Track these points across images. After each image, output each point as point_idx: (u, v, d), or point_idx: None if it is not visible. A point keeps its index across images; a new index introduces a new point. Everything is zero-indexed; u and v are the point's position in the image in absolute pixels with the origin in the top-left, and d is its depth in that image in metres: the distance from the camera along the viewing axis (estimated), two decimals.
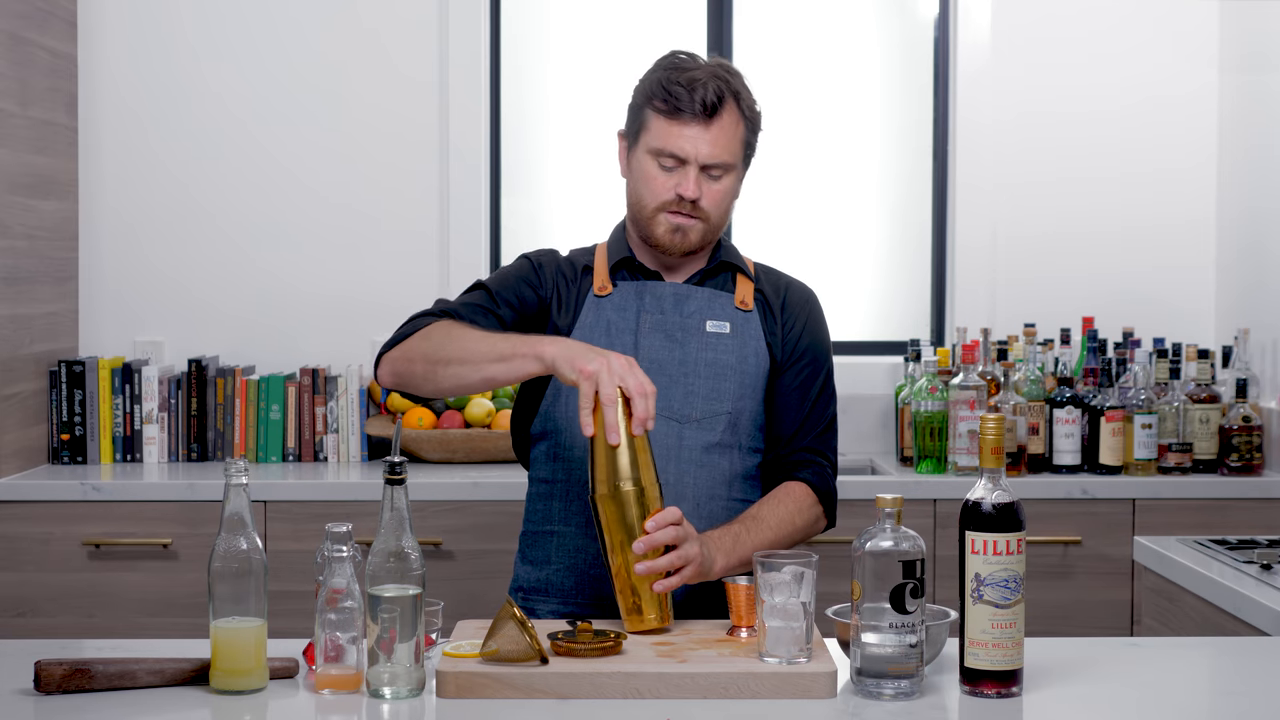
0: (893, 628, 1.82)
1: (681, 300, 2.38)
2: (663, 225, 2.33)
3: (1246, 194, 4.09)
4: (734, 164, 2.35)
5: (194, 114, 4.15)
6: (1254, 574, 2.56)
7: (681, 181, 2.30)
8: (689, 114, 2.29)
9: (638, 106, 2.36)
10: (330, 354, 4.13)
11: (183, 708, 1.81)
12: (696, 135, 2.29)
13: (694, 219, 2.33)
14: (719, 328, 2.37)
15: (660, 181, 2.32)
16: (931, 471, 3.79)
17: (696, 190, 2.30)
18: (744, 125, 2.36)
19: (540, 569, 2.36)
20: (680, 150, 2.30)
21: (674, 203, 2.31)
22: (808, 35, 4.38)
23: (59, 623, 3.58)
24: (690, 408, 2.33)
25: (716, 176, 2.33)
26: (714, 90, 2.30)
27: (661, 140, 2.30)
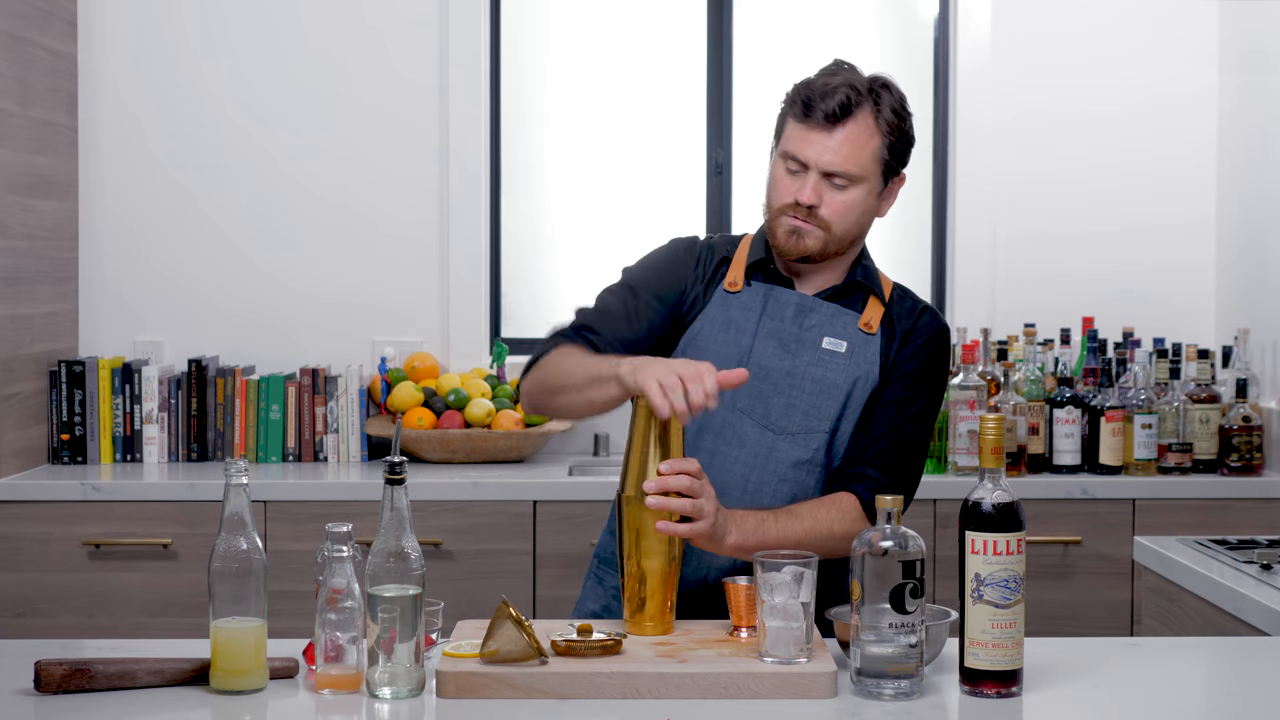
0: (893, 628, 1.82)
1: (804, 312, 2.35)
2: (782, 227, 2.32)
3: (1246, 194, 4.09)
4: (860, 175, 2.29)
5: (194, 114, 4.15)
6: (1254, 574, 2.56)
7: (802, 187, 2.29)
8: (815, 120, 2.27)
9: (781, 111, 2.37)
10: (330, 354, 4.13)
11: (183, 708, 1.81)
12: (820, 140, 2.27)
13: (811, 225, 2.30)
14: (835, 345, 2.33)
15: (784, 184, 2.32)
16: (931, 471, 3.79)
17: (814, 197, 2.28)
18: (879, 138, 2.29)
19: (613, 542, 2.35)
20: (802, 154, 2.28)
21: (792, 207, 2.30)
22: (808, 35, 4.38)
23: (59, 623, 3.58)
24: (789, 420, 2.29)
25: (840, 186, 2.29)
26: (844, 97, 2.27)
27: (791, 143, 2.31)
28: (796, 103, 2.30)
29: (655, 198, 4.36)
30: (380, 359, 4.10)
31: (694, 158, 4.35)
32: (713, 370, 2.05)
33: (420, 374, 4.05)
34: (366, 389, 4.03)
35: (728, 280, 2.37)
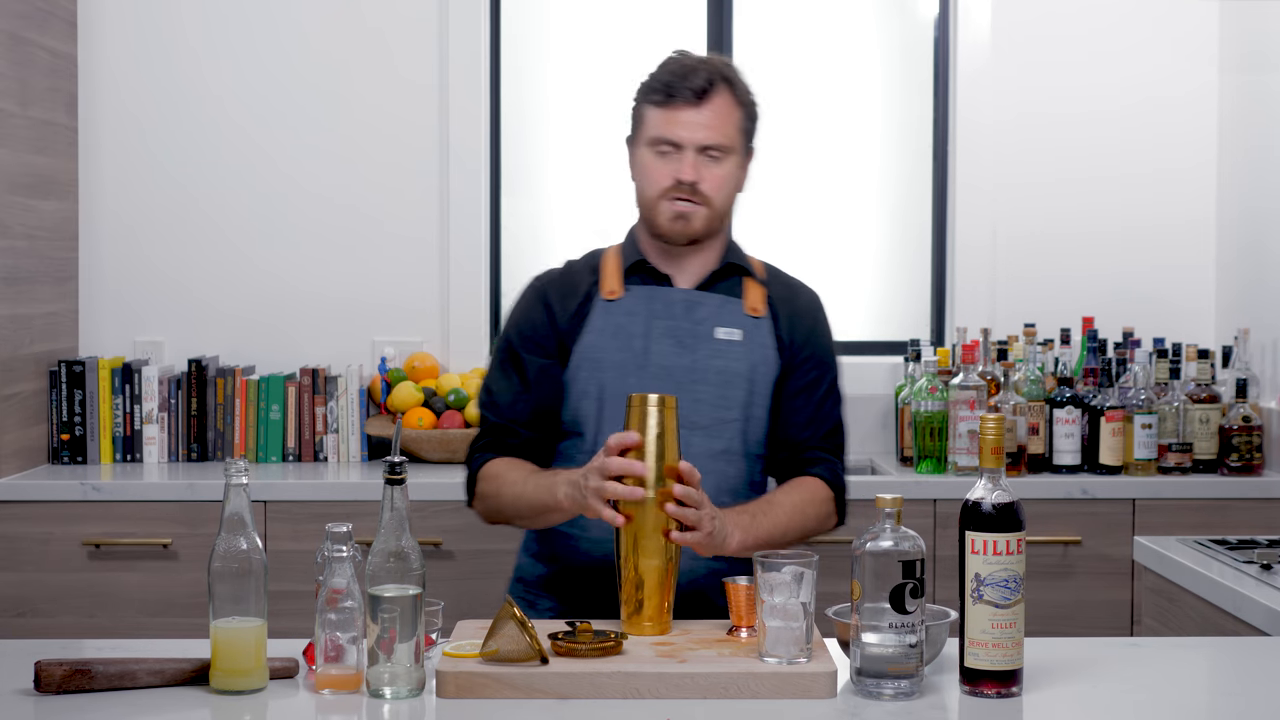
0: (893, 628, 1.82)
1: (692, 306, 2.39)
2: (664, 214, 2.36)
3: (1246, 194, 4.09)
4: (731, 147, 2.38)
5: (194, 114, 4.15)
6: (1254, 574, 2.56)
7: (679, 166, 2.34)
8: (681, 99, 2.33)
9: (635, 106, 2.41)
10: (330, 354, 4.13)
11: (183, 708, 1.81)
12: (690, 119, 2.34)
13: (694, 204, 2.35)
14: (730, 335, 2.38)
15: (659, 169, 2.35)
16: (931, 471, 3.79)
17: (694, 173, 2.33)
18: (740, 112, 2.40)
19: (545, 565, 2.41)
20: (675, 135, 2.34)
21: (673, 189, 2.34)
22: (808, 35, 4.38)
23: (59, 623, 3.58)
24: (698, 414, 2.33)
25: (715, 158, 2.36)
26: (705, 75, 2.35)
27: (657, 128, 2.35)
28: (653, 91, 2.36)
29: None
30: (380, 359, 4.10)
31: None
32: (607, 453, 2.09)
33: (420, 374, 4.05)
34: (366, 389, 4.03)
35: (605, 290, 2.39)
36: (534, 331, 2.39)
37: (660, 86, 2.35)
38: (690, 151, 2.34)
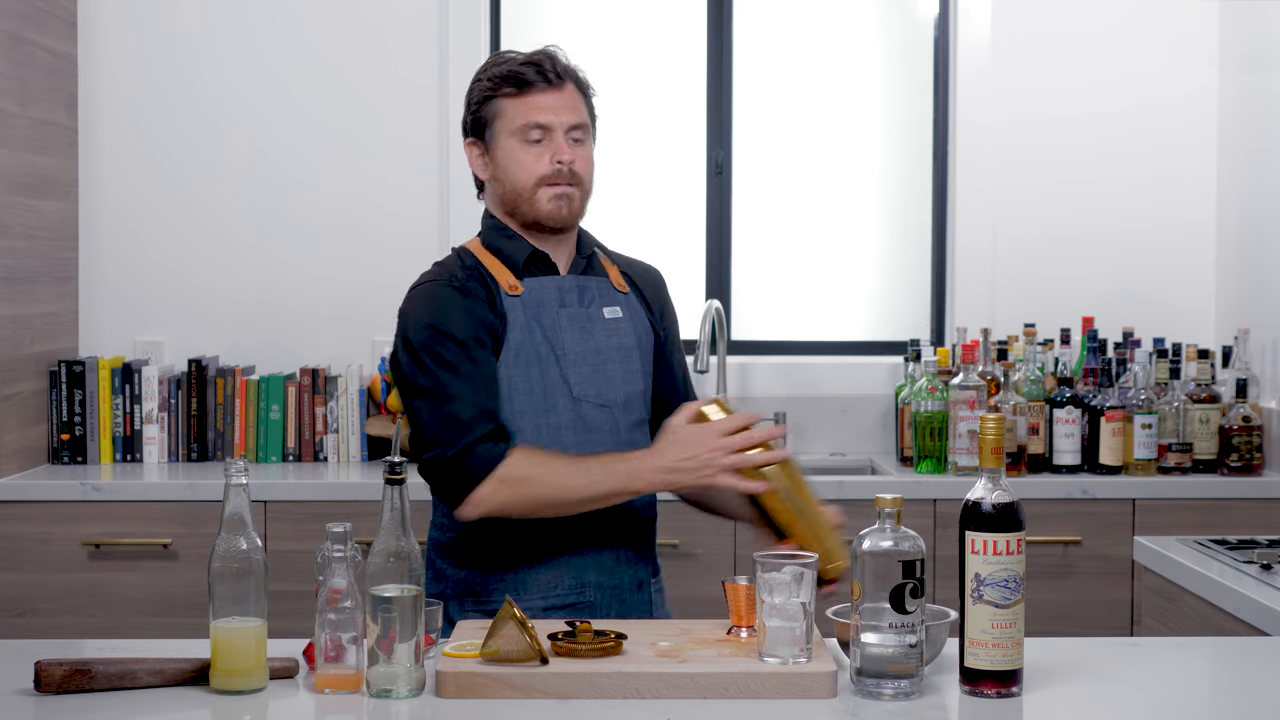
0: (893, 628, 1.82)
1: (581, 290, 2.43)
2: (545, 200, 2.37)
3: (1246, 195, 4.09)
4: (588, 126, 2.43)
5: (194, 114, 4.15)
6: (1254, 574, 2.56)
7: (554, 149, 2.36)
8: (541, 84, 2.36)
9: (482, 102, 2.41)
10: (330, 354, 4.13)
11: (183, 708, 1.81)
12: (554, 102, 2.37)
13: (572, 187, 2.38)
14: (614, 313, 2.44)
15: (532, 156, 2.37)
16: (931, 471, 3.79)
17: (570, 153, 2.37)
18: (583, 95, 2.43)
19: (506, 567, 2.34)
20: (544, 119, 2.36)
21: (552, 175, 2.36)
22: (808, 35, 4.38)
23: (59, 623, 3.58)
24: (614, 393, 2.39)
25: (580, 140, 2.40)
26: (552, 63, 2.39)
27: (524, 115, 2.36)
28: (506, 83, 2.37)
29: (655, 198, 4.36)
30: (380, 359, 4.10)
31: (694, 158, 4.35)
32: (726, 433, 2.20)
33: None
34: (366, 389, 4.03)
35: (506, 285, 2.38)
36: (477, 330, 2.34)
37: (513, 76, 2.36)
38: (559, 133, 2.37)
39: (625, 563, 2.40)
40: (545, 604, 2.33)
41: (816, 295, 4.37)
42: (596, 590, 2.36)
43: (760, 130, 4.37)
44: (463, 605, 2.34)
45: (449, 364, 2.30)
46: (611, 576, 2.38)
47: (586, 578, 2.35)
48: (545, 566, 2.34)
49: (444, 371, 2.30)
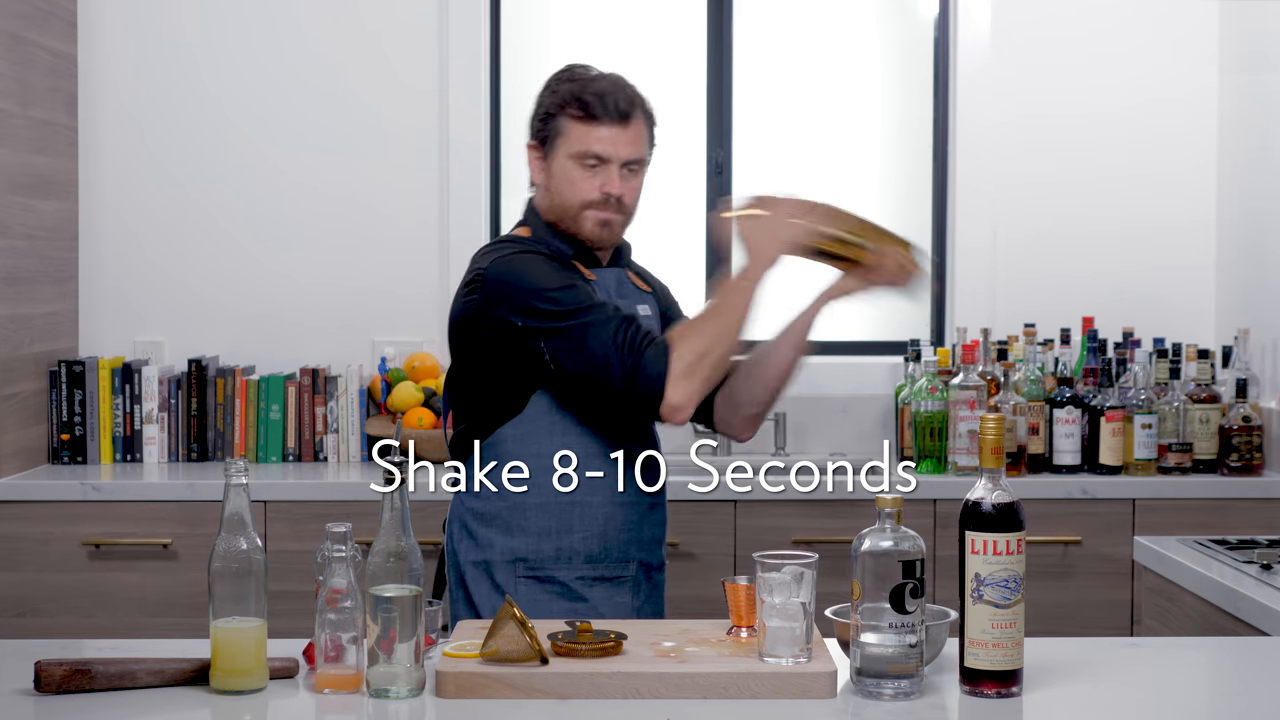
0: (893, 628, 1.82)
1: (622, 284, 2.57)
2: (589, 222, 2.50)
3: (1246, 194, 4.09)
4: (645, 160, 2.55)
5: (194, 114, 4.15)
6: (1254, 574, 2.56)
7: (606, 180, 2.48)
8: (608, 118, 2.47)
9: (550, 116, 2.51)
10: (330, 354, 4.13)
11: (183, 708, 1.81)
12: (615, 136, 2.48)
13: (618, 215, 2.51)
14: (645, 310, 2.58)
15: (585, 181, 2.49)
16: (931, 471, 3.79)
17: (620, 187, 2.49)
18: (647, 126, 2.55)
19: (560, 538, 2.45)
20: (602, 151, 2.47)
21: (599, 202, 2.48)
22: (808, 35, 4.38)
23: (59, 623, 3.58)
24: None
25: (634, 171, 2.52)
26: (625, 97, 2.50)
27: (584, 143, 2.48)
28: (573, 104, 2.48)
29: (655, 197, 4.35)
30: (380, 359, 4.10)
31: (694, 158, 4.35)
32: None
33: (420, 374, 4.05)
34: (366, 389, 4.03)
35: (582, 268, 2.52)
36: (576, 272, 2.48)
37: (585, 103, 2.47)
38: (615, 166, 2.48)
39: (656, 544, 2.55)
40: (594, 575, 2.46)
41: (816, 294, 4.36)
42: (639, 568, 2.51)
43: (760, 130, 4.37)
44: (515, 573, 2.46)
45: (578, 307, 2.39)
46: (649, 554, 2.52)
47: (630, 552, 2.49)
48: (595, 537, 2.46)
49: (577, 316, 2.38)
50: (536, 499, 2.44)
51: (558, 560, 2.45)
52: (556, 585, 2.45)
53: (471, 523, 2.48)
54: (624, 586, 2.49)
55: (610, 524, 2.47)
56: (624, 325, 2.35)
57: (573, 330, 2.36)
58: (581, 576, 2.46)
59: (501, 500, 2.46)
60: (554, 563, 2.45)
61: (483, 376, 2.47)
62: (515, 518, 2.46)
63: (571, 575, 2.46)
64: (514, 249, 2.48)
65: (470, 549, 2.48)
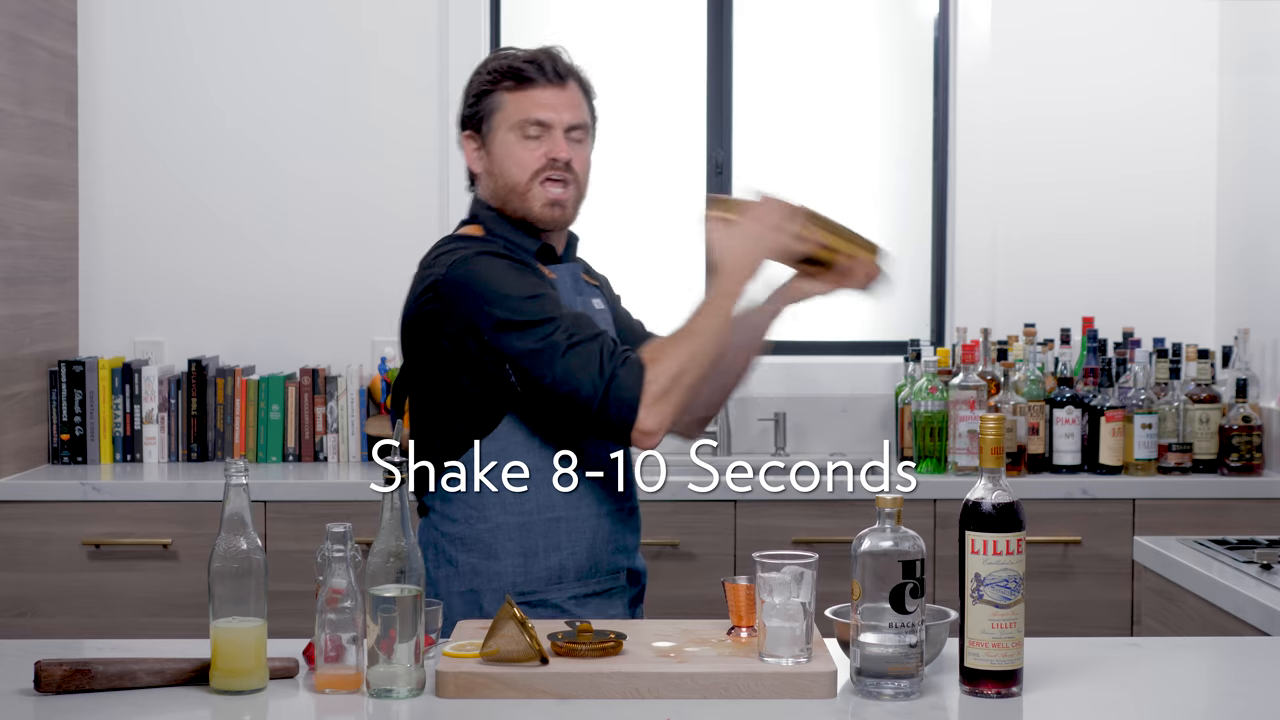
0: (893, 628, 1.82)
1: (576, 280, 2.43)
2: (539, 198, 2.34)
3: (1246, 194, 4.09)
4: (588, 127, 2.39)
5: (194, 114, 4.15)
6: (1254, 574, 2.56)
7: (551, 146, 2.33)
8: (543, 80, 2.34)
9: (481, 95, 2.39)
10: (330, 354, 4.13)
11: (183, 708, 1.81)
12: (555, 99, 2.34)
13: (568, 189, 2.34)
14: (599, 304, 2.45)
15: (529, 150, 2.34)
16: (931, 471, 3.79)
17: (568, 151, 2.34)
18: (585, 95, 2.41)
19: (549, 556, 2.31)
20: (544, 115, 2.33)
21: (546, 168, 2.33)
22: (808, 35, 4.38)
23: (59, 623, 3.58)
24: None
25: (579, 140, 2.37)
26: (557, 59, 2.37)
27: (523, 110, 2.34)
28: (507, 76, 2.35)
29: (655, 198, 4.36)
30: (380, 359, 4.10)
31: (694, 158, 4.35)
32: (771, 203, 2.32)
33: None
34: (366, 389, 4.03)
35: (541, 268, 2.37)
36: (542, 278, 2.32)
37: (515, 70, 2.34)
38: (559, 131, 2.34)
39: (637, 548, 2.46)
40: (587, 592, 2.34)
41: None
42: (626, 576, 2.41)
43: (760, 130, 4.37)
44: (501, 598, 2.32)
45: (545, 319, 2.22)
46: (633, 559, 2.43)
47: (619, 561, 2.38)
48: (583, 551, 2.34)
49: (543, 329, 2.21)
50: (518, 518, 2.30)
51: (548, 581, 2.32)
52: (549, 609, 2.30)
53: (450, 549, 2.32)
54: (615, 598, 2.38)
55: (597, 535, 2.35)
56: (593, 342, 2.19)
57: (539, 347, 2.19)
58: (574, 595, 2.33)
59: (482, 523, 2.30)
60: (545, 585, 2.31)
61: (447, 392, 2.31)
62: (498, 540, 2.30)
63: (564, 595, 2.32)
64: (473, 249, 2.29)
65: (452, 578, 2.32)
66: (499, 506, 2.30)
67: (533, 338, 2.20)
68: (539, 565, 2.32)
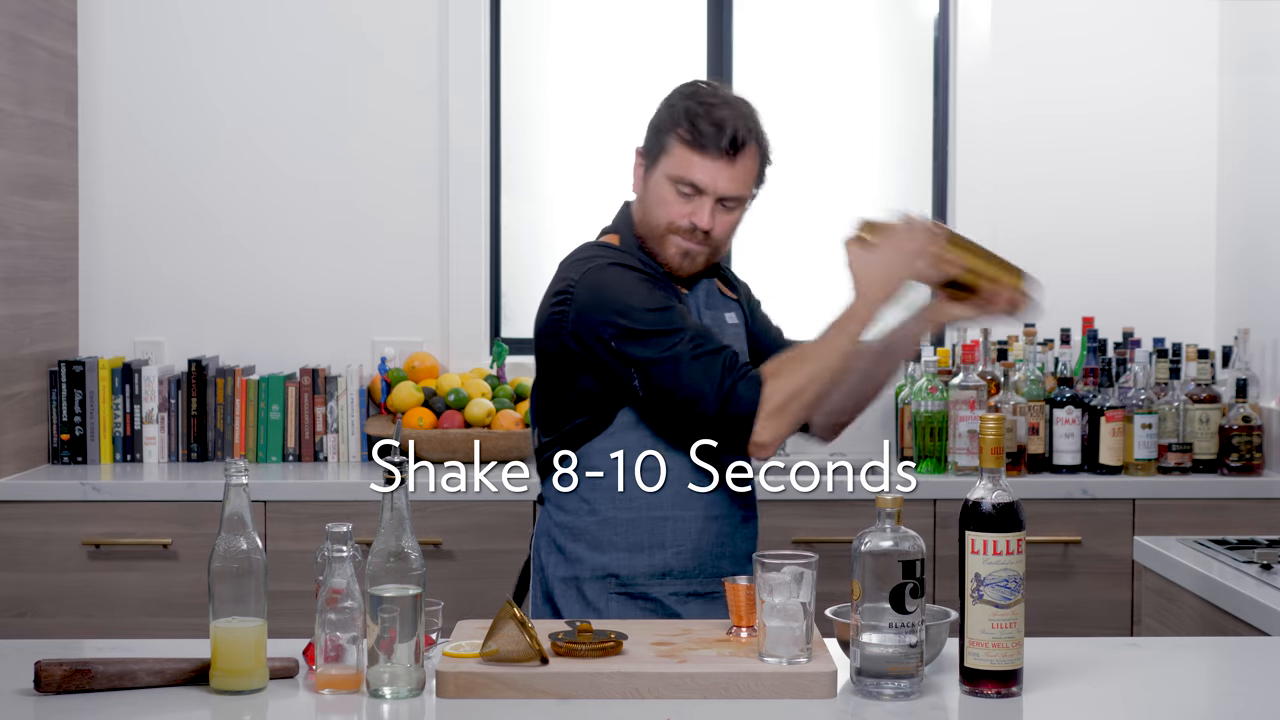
0: (893, 628, 1.82)
1: (710, 295, 2.51)
2: (672, 247, 2.41)
3: (1246, 194, 4.10)
4: (746, 197, 2.44)
5: (194, 114, 4.15)
6: (1254, 574, 2.56)
7: (697, 210, 2.38)
8: (714, 150, 2.36)
9: (661, 130, 2.42)
10: (330, 354, 4.13)
11: (183, 708, 1.82)
12: (718, 170, 2.37)
13: (703, 246, 2.41)
14: (733, 319, 2.51)
15: (677, 206, 2.39)
16: (931, 471, 3.79)
17: (710, 221, 2.39)
18: (758, 163, 2.44)
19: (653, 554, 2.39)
20: (700, 181, 2.37)
21: (685, 230, 2.39)
22: (808, 35, 4.38)
23: (59, 623, 3.58)
24: None
25: (730, 208, 2.41)
26: (740, 131, 2.38)
27: (684, 169, 2.38)
28: (684, 125, 2.37)
29: None
30: (380, 359, 4.10)
31: None
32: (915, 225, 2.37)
33: (420, 374, 4.05)
34: (366, 389, 4.03)
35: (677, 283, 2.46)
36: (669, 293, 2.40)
37: (695, 128, 2.36)
38: (710, 199, 2.38)
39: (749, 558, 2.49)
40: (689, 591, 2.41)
41: (817, 295, 4.37)
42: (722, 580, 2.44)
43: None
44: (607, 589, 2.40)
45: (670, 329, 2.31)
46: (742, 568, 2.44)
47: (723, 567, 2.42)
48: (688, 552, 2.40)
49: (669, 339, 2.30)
50: (627, 514, 2.39)
51: (650, 576, 2.40)
52: (650, 602, 2.39)
53: (560, 538, 2.43)
54: (718, 603, 2.37)
55: (703, 538, 2.41)
56: (716, 355, 2.27)
57: (663, 356, 2.28)
58: (675, 593, 2.40)
59: (591, 515, 2.40)
60: (646, 579, 2.40)
61: (570, 390, 2.39)
62: (605, 533, 2.40)
63: (665, 592, 2.40)
64: (606, 259, 2.39)
65: (559, 564, 2.43)
66: (609, 501, 2.40)
67: (658, 347, 2.29)
68: (642, 561, 2.40)
